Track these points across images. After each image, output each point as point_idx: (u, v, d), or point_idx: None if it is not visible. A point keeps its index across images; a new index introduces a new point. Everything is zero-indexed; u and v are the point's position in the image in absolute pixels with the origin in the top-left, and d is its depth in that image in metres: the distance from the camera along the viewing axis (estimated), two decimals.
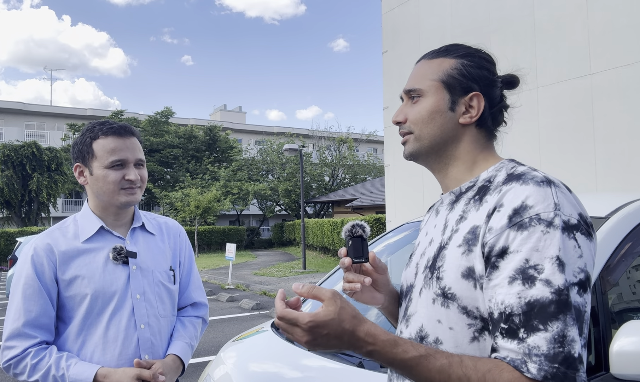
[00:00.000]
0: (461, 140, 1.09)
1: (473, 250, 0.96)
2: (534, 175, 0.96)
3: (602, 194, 2.82)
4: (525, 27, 5.63)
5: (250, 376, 2.16)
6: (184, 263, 1.88)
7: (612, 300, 1.73)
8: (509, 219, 0.91)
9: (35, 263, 1.61)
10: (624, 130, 4.75)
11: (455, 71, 1.08)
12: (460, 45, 1.12)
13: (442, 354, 0.91)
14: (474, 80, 1.07)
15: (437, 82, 1.09)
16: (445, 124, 1.08)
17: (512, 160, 1.08)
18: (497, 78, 1.09)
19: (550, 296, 0.85)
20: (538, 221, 0.89)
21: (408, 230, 2.82)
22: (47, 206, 28.73)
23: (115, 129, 1.65)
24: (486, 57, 1.11)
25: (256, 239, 34.17)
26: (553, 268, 0.86)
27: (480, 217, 0.97)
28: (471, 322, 0.96)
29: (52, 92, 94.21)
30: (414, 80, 1.13)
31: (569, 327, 0.84)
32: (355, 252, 1.11)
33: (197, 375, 4.56)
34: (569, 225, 0.89)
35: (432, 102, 1.08)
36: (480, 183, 1.05)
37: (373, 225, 17.38)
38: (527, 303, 0.86)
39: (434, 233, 1.11)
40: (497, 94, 1.09)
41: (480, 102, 1.07)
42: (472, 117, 1.07)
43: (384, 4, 8.15)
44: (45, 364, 1.55)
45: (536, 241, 0.88)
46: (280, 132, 41.19)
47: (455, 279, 0.98)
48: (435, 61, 1.11)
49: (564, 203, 0.91)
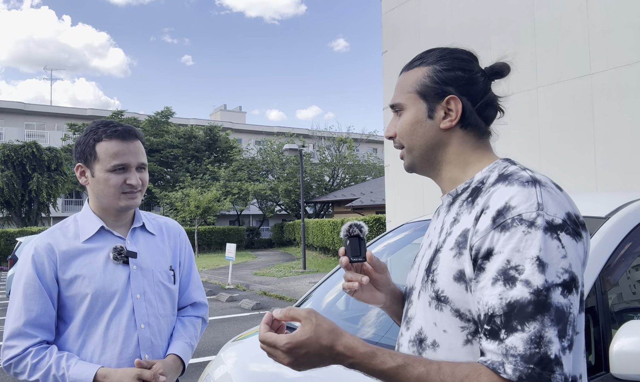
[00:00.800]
0: (448, 144, 1.09)
1: (463, 253, 0.96)
2: (520, 175, 0.95)
3: (602, 194, 2.82)
4: (525, 27, 5.63)
5: (250, 376, 2.16)
6: (184, 263, 1.88)
7: (612, 300, 1.73)
8: (493, 221, 0.91)
9: (35, 263, 1.61)
10: (624, 131, 4.74)
11: (427, 79, 1.08)
12: (433, 51, 1.12)
13: (421, 362, 0.91)
14: (446, 83, 1.07)
15: (413, 93, 1.10)
16: (427, 133, 1.09)
17: (507, 159, 1.07)
18: (476, 74, 1.08)
19: (529, 296, 0.85)
20: (520, 222, 0.89)
21: (408, 230, 2.82)
22: (47, 206, 28.73)
23: (119, 133, 1.64)
24: (461, 56, 1.10)
25: (256, 239, 34.17)
26: (533, 269, 0.86)
27: (470, 220, 0.97)
28: (464, 325, 0.96)
29: (52, 92, 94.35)
30: (396, 94, 1.14)
31: (546, 328, 0.84)
32: (352, 252, 1.13)
33: (197, 375, 4.55)
34: (552, 225, 0.89)
35: (411, 114, 1.10)
36: (475, 184, 1.05)
37: (373, 225, 17.38)
38: (507, 304, 0.86)
39: (433, 235, 1.12)
40: (479, 89, 1.07)
41: (457, 104, 1.06)
42: (452, 120, 1.06)
43: (384, 4, 8.15)
44: (45, 364, 1.55)
45: (517, 242, 0.88)
46: (280, 132, 41.18)
47: (447, 282, 0.98)
48: (411, 72, 1.12)
49: (549, 202, 0.90)
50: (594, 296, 1.62)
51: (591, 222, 1.82)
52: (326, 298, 2.78)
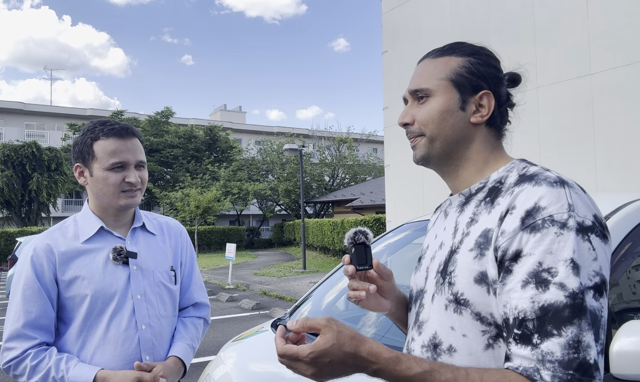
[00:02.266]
0: (473, 140, 1.06)
1: (485, 254, 0.93)
2: (547, 175, 0.93)
3: (602, 194, 2.81)
4: (525, 27, 5.63)
5: (250, 376, 2.16)
6: (185, 263, 1.87)
7: (612, 300, 1.73)
8: (522, 221, 0.88)
9: (34, 264, 1.60)
10: (624, 131, 4.74)
11: (463, 69, 1.05)
12: (465, 44, 1.10)
13: (448, 368, 0.88)
14: (482, 78, 1.04)
15: (446, 81, 1.05)
16: (456, 124, 1.05)
17: (524, 160, 1.05)
18: (503, 76, 1.07)
19: (565, 299, 0.82)
20: (551, 223, 0.86)
21: (408, 230, 2.82)
22: (47, 206, 28.72)
23: (116, 130, 1.63)
24: (492, 55, 1.09)
25: (256, 239, 34.16)
26: (567, 271, 0.83)
27: (493, 220, 0.94)
28: (485, 329, 0.93)
29: (53, 92, 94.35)
30: (420, 79, 1.08)
31: (584, 332, 0.81)
32: (358, 260, 1.09)
33: (197, 375, 4.55)
34: (583, 226, 0.86)
35: (443, 102, 1.05)
36: (491, 184, 1.02)
37: (373, 225, 17.38)
38: (540, 308, 0.83)
39: (443, 236, 1.08)
40: (504, 92, 1.07)
41: (490, 101, 1.04)
42: (484, 116, 1.04)
43: (384, 4, 8.15)
44: (44, 366, 1.54)
45: (549, 243, 0.85)
46: (280, 132, 41.17)
47: (467, 285, 0.95)
48: (440, 60, 1.08)
49: (579, 204, 0.89)
50: None
51: None
52: (326, 298, 2.77)
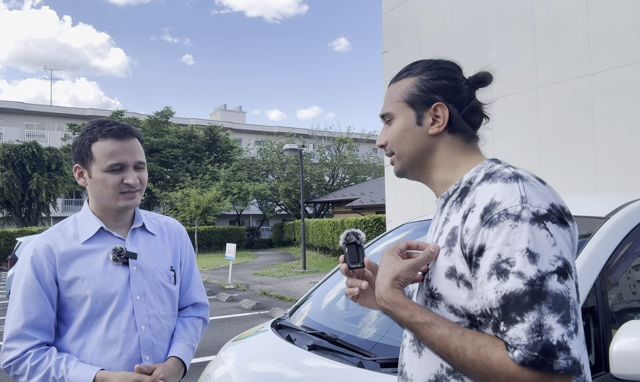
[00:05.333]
0: (436, 149, 1.15)
1: (453, 250, 1.02)
2: (503, 172, 1.01)
3: (602, 194, 2.82)
4: (525, 27, 5.63)
5: (250, 376, 2.16)
6: (185, 263, 1.87)
7: (612, 300, 1.73)
8: (481, 218, 0.96)
9: (34, 264, 1.60)
10: (623, 131, 4.74)
11: (415, 88, 1.15)
12: (419, 62, 1.19)
13: (446, 324, 0.97)
14: (433, 92, 1.13)
15: (402, 102, 1.17)
16: (416, 139, 1.15)
17: (493, 159, 1.12)
18: (460, 82, 1.14)
19: (524, 287, 0.88)
20: (506, 216, 0.93)
21: (408, 230, 2.82)
22: (47, 206, 28.74)
23: (114, 132, 1.62)
24: (446, 66, 1.17)
25: (256, 239, 34.17)
26: (524, 260, 0.90)
27: (458, 218, 1.03)
28: (459, 321, 1.01)
29: (53, 92, 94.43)
30: (385, 104, 1.21)
31: (544, 316, 0.87)
32: (351, 259, 1.19)
33: (197, 375, 4.54)
34: (538, 215, 0.93)
35: (401, 122, 1.17)
36: (463, 185, 1.10)
37: (373, 225, 17.38)
38: (503, 297, 0.90)
39: (430, 237, 1.17)
40: (464, 96, 1.14)
41: (444, 111, 1.12)
42: (440, 126, 1.13)
43: (383, 4, 8.15)
44: (44, 366, 1.54)
45: (506, 236, 0.92)
46: (280, 132, 41.17)
47: (440, 280, 1.04)
48: (399, 83, 1.19)
49: (532, 195, 0.95)
50: (594, 296, 1.62)
51: (591, 222, 1.83)
52: (326, 298, 2.78)
